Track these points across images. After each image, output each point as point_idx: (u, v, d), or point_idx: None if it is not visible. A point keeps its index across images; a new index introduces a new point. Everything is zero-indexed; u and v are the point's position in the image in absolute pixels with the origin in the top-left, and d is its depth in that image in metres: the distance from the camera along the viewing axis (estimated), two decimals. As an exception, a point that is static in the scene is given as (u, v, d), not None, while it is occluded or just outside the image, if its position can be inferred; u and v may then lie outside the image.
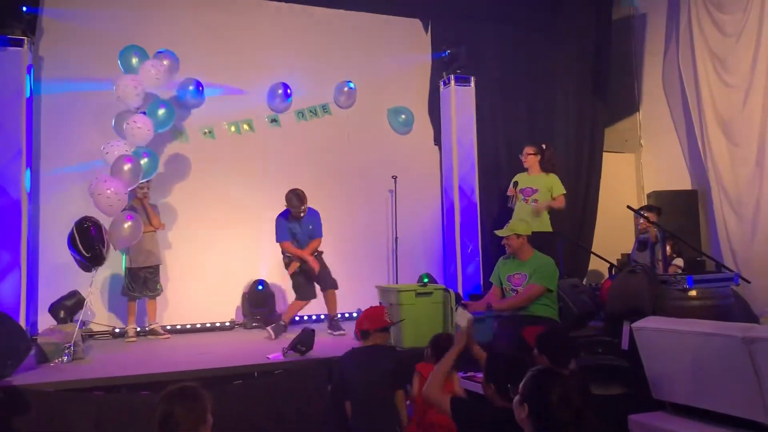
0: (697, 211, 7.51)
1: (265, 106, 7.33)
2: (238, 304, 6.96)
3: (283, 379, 4.54)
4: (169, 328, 6.50)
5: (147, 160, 5.99)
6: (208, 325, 6.79)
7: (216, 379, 4.40)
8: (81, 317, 5.35)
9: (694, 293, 4.67)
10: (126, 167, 5.60)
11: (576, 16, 8.51)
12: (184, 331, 6.65)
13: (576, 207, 8.35)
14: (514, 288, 5.08)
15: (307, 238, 6.17)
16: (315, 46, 7.55)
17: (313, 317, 7.01)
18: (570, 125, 8.47)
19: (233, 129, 7.17)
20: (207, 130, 7.04)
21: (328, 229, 6.40)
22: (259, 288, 6.84)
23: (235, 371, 4.58)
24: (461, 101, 7.69)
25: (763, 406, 3.15)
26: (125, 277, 6.18)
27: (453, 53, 7.72)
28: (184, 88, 6.84)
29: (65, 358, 4.80)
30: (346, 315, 7.18)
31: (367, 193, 7.66)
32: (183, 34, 6.96)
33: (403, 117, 7.88)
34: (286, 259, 6.18)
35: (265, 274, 6.96)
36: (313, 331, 5.10)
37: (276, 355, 4.90)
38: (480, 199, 7.62)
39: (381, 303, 5.46)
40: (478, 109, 7.80)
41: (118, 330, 6.39)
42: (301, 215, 6.04)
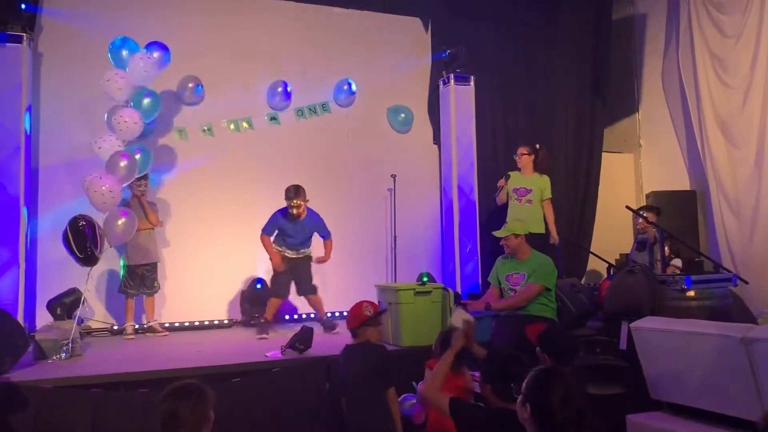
0: (696, 211, 7.52)
1: (265, 104, 7.33)
2: (236, 302, 6.95)
3: (282, 377, 4.54)
4: (167, 325, 6.49)
5: (140, 156, 5.96)
6: (207, 322, 6.79)
7: (214, 376, 4.39)
8: (79, 314, 5.34)
9: (692, 293, 4.68)
10: (121, 164, 5.60)
11: (576, 16, 8.51)
12: (183, 328, 6.65)
13: (575, 207, 8.36)
14: (512, 288, 5.08)
15: (301, 241, 6.16)
16: (315, 45, 7.55)
17: (312, 315, 7.00)
18: (569, 125, 8.47)
19: (232, 127, 7.16)
20: (206, 128, 7.03)
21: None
22: (258, 287, 6.83)
23: (234, 369, 4.58)
24: (461, 100, 7.69)
25: (760, 407, 3.15)
26: (123, 274, 6.17)
27: (453, 53, 7.72)
28: (183, 86, 6.85)
29: (63, 355, 4.80)
30: (345, 314, 7.16)
31: (366, 192, 7.66)
32: (183, 32, 6.95)
33: (402, 116, 7.88)
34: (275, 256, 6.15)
35: (264, 273, 6.96)
36: (311, 330, 5.10)
37: (274, 353, 4.90)
38: (479, 199, 7.63)
39: (380, 301, 5.46)
40: (478, 109, 7.79)
41: (116, 327, 6.39)
42: (295, 211, 5.98)
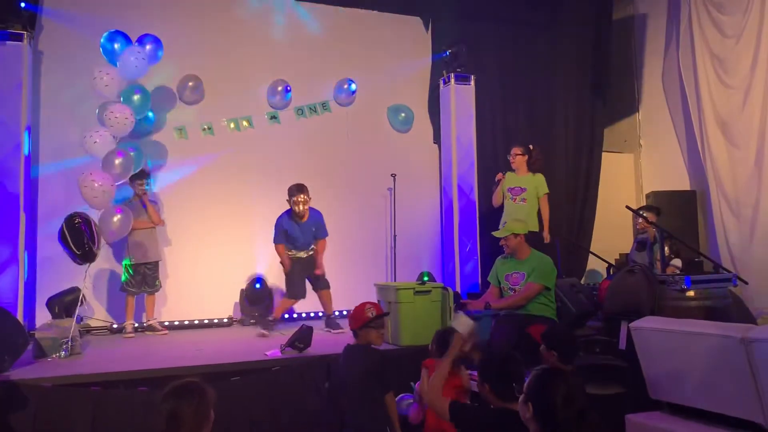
0: (696, 211, 7.52)
1: (265, 102, 7.33)
2: (236, 300, 6.95)
3: (281, 375, 4.54)
4: (167, 324, 6.49)
5: (133, 154, 5.96)
6: (206, 321, 6.79)
7: (214, 375, 4.39)
8: (78, 313, 5.34)
9: (692, 293, 4.68)
10: (117, 161, 5.63)
11: (576, 16, 8.51)
12: (182, 327, 6.64)
13: (575, 206, 8.36)
14: (512, 287, 5.09)
15: (308, 240, 6.18)
16: (315, 44, 7.55)
17: (311, 314, 7.00)
18: (569, 125, 8.47)
19: (233, 125, 7.16)
20: (206, 127, 7.03)
21: (326, 227, 6.39)
22: (257, 286, 6.83)
23: (233, 367, 4.58)
24: (461, 100, 7.69)
25: (760, 407, 3.16)
26: (124, 272, 6.17)
27: (453, 52, 7.73)
28: (183, 85, 6.85)
29: (63, 354, 4.80)
30: (344, 312, 7.17)
31: (366, 191, 7.66)
32: (184, 31, 6.95)
33: (402, 115, 7.88)
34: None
35: (263, 272, 6.96)
36: (311, 329, 5.10)
37: (274, 352, 4.90)
38: (479, 198, 7.62)
39: (379, 301, 5.46)
40: (478, 108, 7.80)
41: (115, 326, 6.38)
42: (300, 207, 6.00)
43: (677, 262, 6.15)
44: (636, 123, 8.77)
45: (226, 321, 6.84)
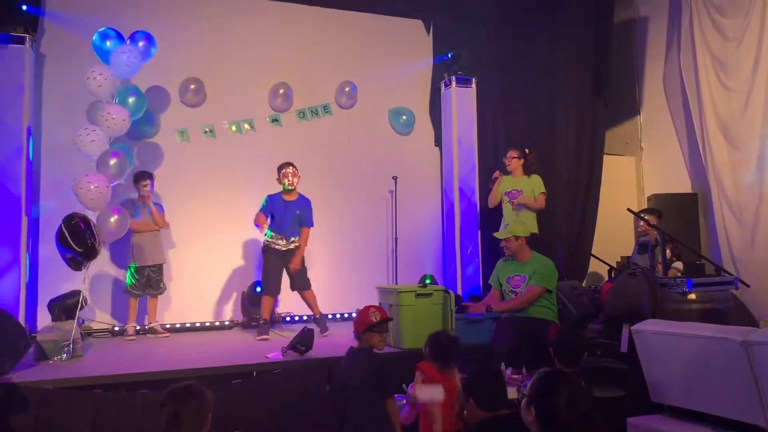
0: (698, 214, 7.51)
1: (267, 105, 7.34)
2: (237, 303, 6.95)
3: (282, 378, 4.54)
4: (168, 326, 6.49)
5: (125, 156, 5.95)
6: (208, 324, 6.79)
7: (215, 377, 4.40)
8: (80, 315, 5.34)
9: (693, 296, 4.68)
10: (112, 162, 5.67)
11: (577, 19, 8.50)
12: (184, 329, 6.64)
13: (576, 209, 8.35)
14: (513, 290, 5.09)
15: (291, 224, 6.08)
16: (317, 46, 7.56)
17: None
18: (571, 127, 8.46)
19: (234, 128, 7.17)
20: (208, 129, 7.04)
21: (327, 230, 6.41)
22: (258, 289, 6.81)
23: (235, 370, 4.58)
24: (462, 102, 7.70)
25: (762, 410, 3.15)
26: (128, 275, 6.18)
27: (454, 55, 7.73)
28: (184, 87, 6.87)
29: (64, 356, 4.80)
30: (345, 315, 7.19)
31: (368, 194, 7.66)
32: (185, 34, 6.97)
33: (404, 118, 7.88)
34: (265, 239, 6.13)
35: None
36: (312, 331, 5.10)
37: (275, 355, 4.90)
38: (480, 201, 7.62)
39: (381, 303, 5.46)
40: (479, 111, 7.80)
41: (117, 328, 6.39)
42: (288, 179, 6.03)
43: (679, 265, 6.15)
44: (637, 125, 8.76)
45: (227, 324, 6.84)
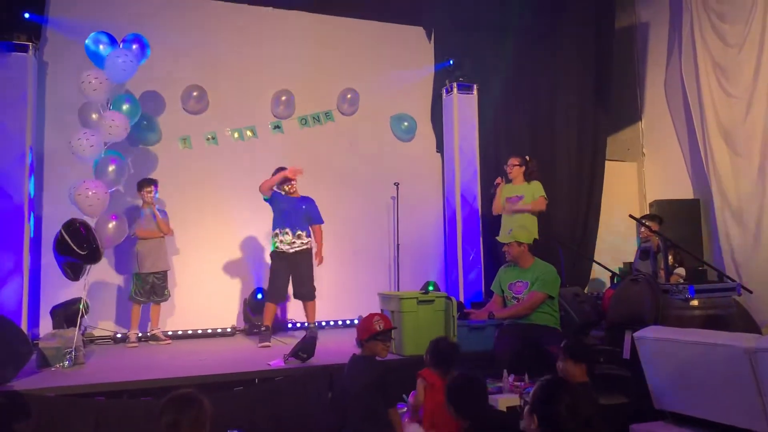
0: (700, 220, 7.51)
1: (269, 112, 7.36)
2: (239, 310, 6.95)
3: (284, 385, 4.53)
4: (170, 333, 6.49)
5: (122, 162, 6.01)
6: (210, 331, 6.79)
7: (217, 385, 4.40)
8: (82, 322, 5.34)
9: (696, 303, 4.66)
10: (110, 168, 5.74)
11: (579, 25, 8.52)
12: (186, 336, 6.64)
13: (578, 215, 8.34)
14: (515, 296, 5.08)
15: (298, 217, 6.09)
16: (318, 53, 7.57)
17: (322, 324, 6.97)
18: (572, 133, 8.46)
19: (236, 135, 7.19)
20: (210, 136, 7.06)
21: (329, 235, 6.39)
22: (259, 296, 6.81)
23: (236, 377, 4.57)
24: (463, 109, 7.72)
25: (765, 417, 3.14)
26: (133, 282, 6.18)
27: (456, 61, 7.75)
28: (188, 94, 6.89)
29: (66, 363, 4.80)
30: (347, 322, 7.18)
31: (370, 200, 7.67)
32: (187, 42, 6.99)
33: (405, 124, 7.90)
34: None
35: (265, 283, 6.92)
36: (314, 339, 5.10)
37: (277, 362, 4.89)
38: (482, 207, 7.62)
39: (383, 310, 5.45)
40: (480, 117, 7.82)
41: (119, 335, 6.39)
42: (288, 188, 6.10)
43: (681, 272, 6.14)
44: (639, 131, 8.77)
45: (229, 330, 6.84)
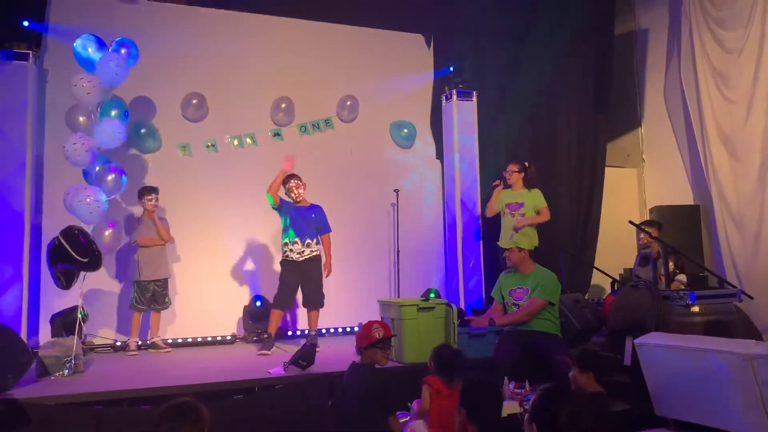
0: (700, 226, 7.51)
1: (269, 119, 7.37)
2: (239, 317, 6.94)
3: (284, 393, 4.52)
4: (170, 341, 6.48)
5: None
6: (210, 338, 6.77)
7: (217, 393, 4.39)
8: (82, 331, 5.33)
9: (696, 309, 4.66)
10: (109, 177, 5.77)
11: (578, 32, 8.54)
12: (186, 344, 6.62)
13: (578, 222, 8.35)
14: (515, 302, 5.08)
15: (308, 226, 6.09)
16: (318, 61, 7.59)
17: (322, 331, 6.95)
18: (572, 140, 8.48)
19: (236, 142, 7.19)
20: (210, 144, 7.07)
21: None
22: (258, 304, 6.80)
23: (237, 385, 4.56)
24: (463, 115, 7.73)
25: (766, 423, 3.13)
26: (134, 290, 6.18)
27: (456, 68, 7.76)
28: (187, 102, 6.90)
29: (66, 372, 4.79)
30: (347, 329, 7.17)
31: (369, 207, 7.67)
32: (187, 50, 7.02)
33: (405, 131, 7.91)
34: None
35: (264, 290, 6.92)
36: (314, 346, 5.09)
37: (277, 370, 4.88)
38: (482, 214, 7.62)
39: (383, 318, 5.45)
40: (480, 124, 7.83)
41: (119, 343, 6.37)
42: (294, 192, 6.11)
43: (682, 278, 6.13)
44: (639, 137, 8.78)
45: (229, 338, 6.82)
